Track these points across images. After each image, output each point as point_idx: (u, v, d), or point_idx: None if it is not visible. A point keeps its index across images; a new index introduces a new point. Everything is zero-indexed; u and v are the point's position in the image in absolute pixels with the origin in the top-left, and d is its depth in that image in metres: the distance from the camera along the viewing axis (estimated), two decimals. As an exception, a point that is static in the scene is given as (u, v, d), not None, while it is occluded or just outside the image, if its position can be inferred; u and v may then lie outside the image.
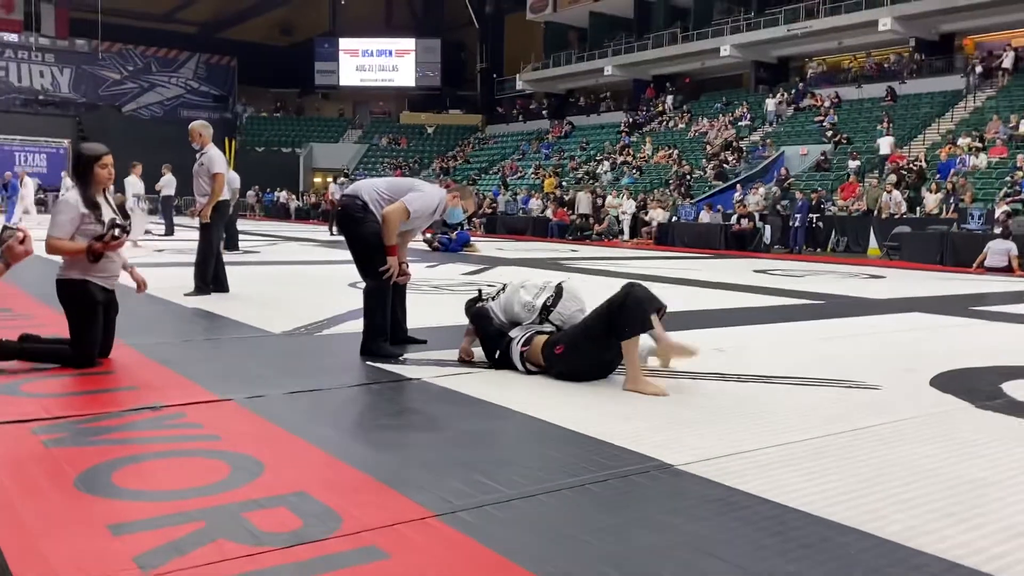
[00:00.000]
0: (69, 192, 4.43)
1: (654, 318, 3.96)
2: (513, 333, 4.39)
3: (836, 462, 2.99)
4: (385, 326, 4.81)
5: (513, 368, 4.39)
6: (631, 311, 3.87)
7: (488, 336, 4.49)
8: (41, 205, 29.01)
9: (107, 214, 4.32)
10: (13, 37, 41.73)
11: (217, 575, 1.96)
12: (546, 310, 4.37)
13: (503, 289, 4.67)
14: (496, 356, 4.44)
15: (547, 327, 4.35)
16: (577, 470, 2.85)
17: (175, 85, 46.28)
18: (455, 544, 2.19)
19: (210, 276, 7.46)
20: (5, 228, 2.84)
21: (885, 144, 21.95)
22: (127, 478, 2.62)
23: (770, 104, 28.21)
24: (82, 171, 4.37)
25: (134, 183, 15.56)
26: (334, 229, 19.50)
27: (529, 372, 4.32)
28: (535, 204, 24.93)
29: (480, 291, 4.91)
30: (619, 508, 2.53)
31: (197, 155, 7.58)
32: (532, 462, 2.92)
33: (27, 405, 3.49)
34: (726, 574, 2.05)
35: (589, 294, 4.60)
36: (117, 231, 4.30)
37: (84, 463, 2.74)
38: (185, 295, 7.21)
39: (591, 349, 4.11)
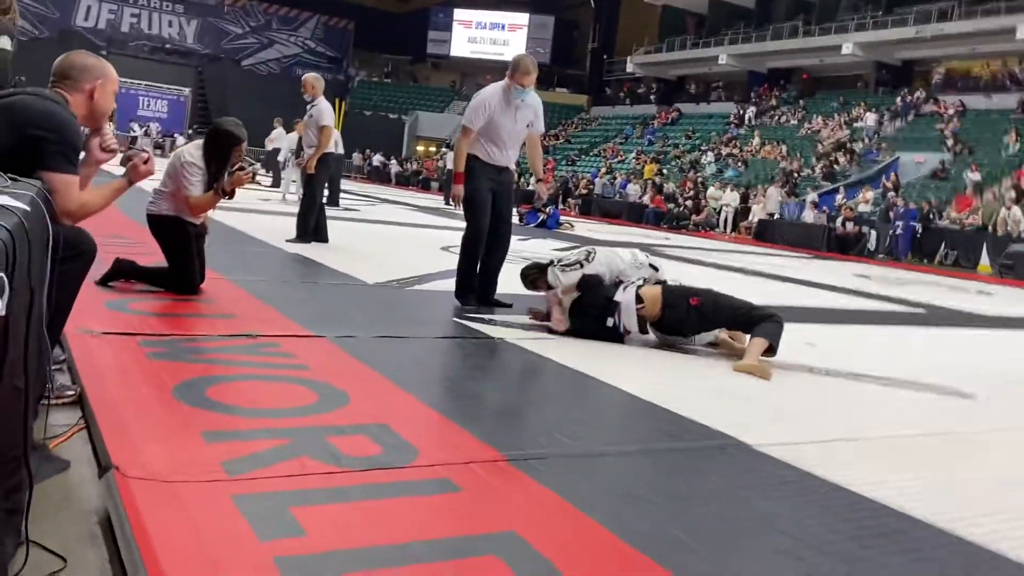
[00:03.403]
0: (189, 149, 4.62)
1: (763, 344, 4.21)
2: (618, 297, 4.47)
3: (919, 461, 2.91)
4: (471, 275, 5.09)
5: (605, 336, 4.42)
6: (778, 327, 4.30)
7: (597, 296, 4.52)
8: (159, 149, 30.29)
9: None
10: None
11: (297, 487, 2.05)
12: (652, 267, 4.74)
13: (588, 257, 4.64)
14: (605, 323, 4.47)
15: (646, 273, 4.69)
16: (650, 438, 2.86)
17: (293, 43, 47.41)
18: (524, 487, 2.23)
19: (311, 226, 7.69)
20: (130, 147, 3.01)
21: None
22: (220, 393, 2.76)
23: (870, 119, 26.45)
24: (220, 151, 4.56)
25: (292, 139, 14.58)
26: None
27: (642, 331, 4.47)
28: (633, 189, 24.57)
29: (552, 261, 4.82)
30: (690, 477, 2.53)
31: (308, 107, 7.80)
32: (605, 425, 2.94)
33: (134, 320, 3.71)
34: (797, 551, 2.03)
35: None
36: (245, 165, 4.56)
37: (182, 376, 2.89)
38: (287, 241, 7.47)
39: (717, 318, 4.47)
